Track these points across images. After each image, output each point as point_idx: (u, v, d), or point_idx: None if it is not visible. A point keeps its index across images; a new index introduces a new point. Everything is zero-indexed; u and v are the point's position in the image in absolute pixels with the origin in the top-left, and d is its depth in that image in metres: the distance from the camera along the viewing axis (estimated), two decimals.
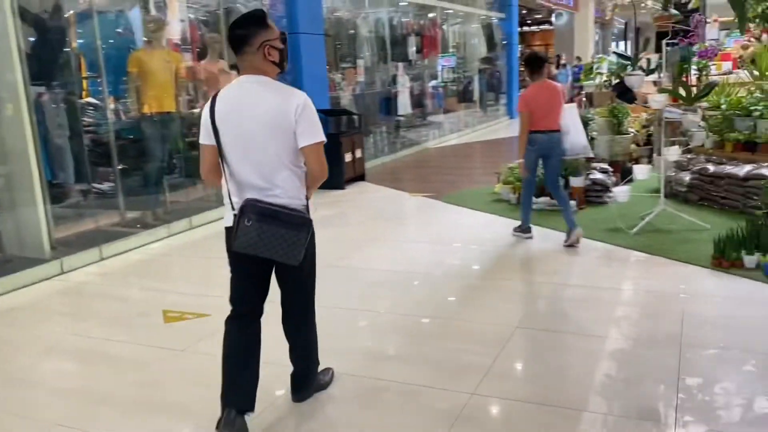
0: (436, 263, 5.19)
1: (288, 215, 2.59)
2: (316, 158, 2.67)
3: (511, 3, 17.71)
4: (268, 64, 2.65)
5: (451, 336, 3.77)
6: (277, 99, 2.60)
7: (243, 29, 2.61)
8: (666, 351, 3.35)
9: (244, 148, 2.61)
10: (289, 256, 2.59)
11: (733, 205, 6.09)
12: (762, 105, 6.34)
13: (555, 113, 5.29)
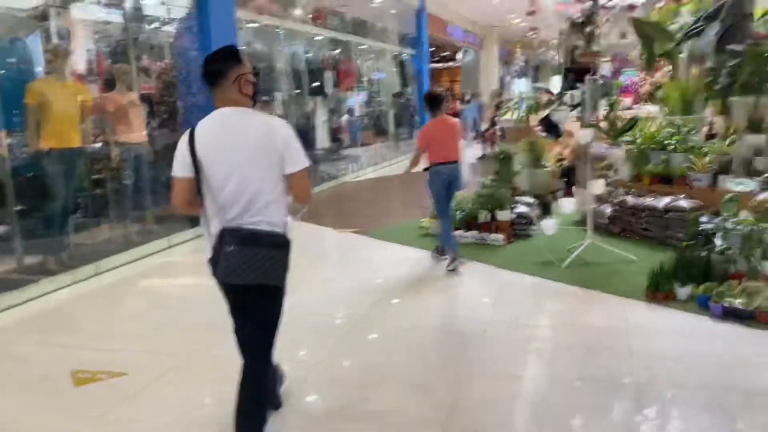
0: (371, 303, 4.95)
1: (268, 236, 2.67)
2: (301, 184, 2.78)
3: (422, 40, 18.05)
4: (243, 96, 2.73)
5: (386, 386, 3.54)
6: (262, 128, 2.70)
7: (219, 63, 2.71)
8: (624, 392, 3.25)
9: (229, 176, 2.65)
10: (272, 276, 2.67)
11: (655, 237, 6.25)
12: (675, 139, 6.60)
13: (454, 146, 5.70)
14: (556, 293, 5.01)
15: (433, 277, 5.63)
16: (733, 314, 4.15)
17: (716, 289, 4.39)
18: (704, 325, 4.12)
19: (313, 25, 11.76)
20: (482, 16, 24.11)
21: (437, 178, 5.64)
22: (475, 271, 5.74)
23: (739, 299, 4.22)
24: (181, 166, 2.72)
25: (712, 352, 3.73)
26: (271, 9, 9.99)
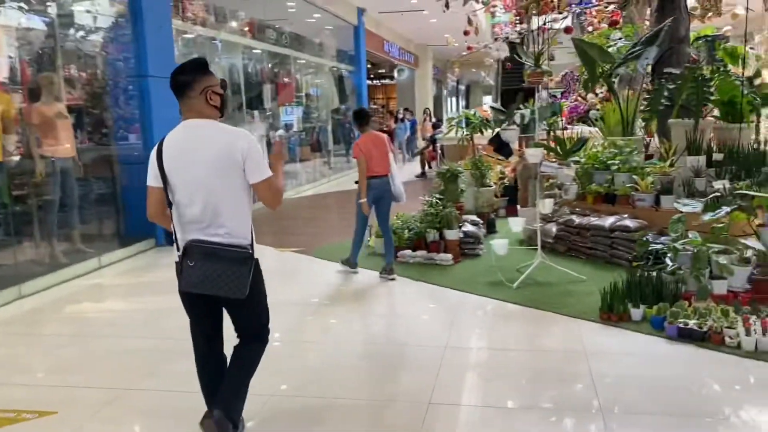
0: (318, 328, 4.73)
1: (229, 252, 2.71)
2: (267, 192, 2.81)
3: (360, 56, 18.02)
4: (210, 108, 2.78)
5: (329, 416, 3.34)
6: (224, 140, 2.73)
7: (187, 75, 2.75)
8: (592, 421, 3.16)
9: (193, 189, 2.70)
10: (234, 290, 2.71)
11: (600, 256, 6.30)
12: (618, 159, 6.70)
13: (384, 160, 5.90)
14: (510, 315, 4.93)
15: (382, 299, 5.47)
16: (688, 335, 4.16)
17: (669, 309, 4.40)
18: (661, 347, 4.11)
19: (251, 38, 11.47)
20: (417, 34, 24.37)
21: (368, 192, 5.87)
22: (425, 292, 5.61)
23: (692, 320, 4.24)
24: (151, 176, 2.79)
25: (674, 375, 3.70)
26: (206, 19, 9.66)
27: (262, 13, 12.08)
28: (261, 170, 2.76)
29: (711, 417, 3.20)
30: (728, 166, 6.19)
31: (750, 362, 3.81)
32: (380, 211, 6.07)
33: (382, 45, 21.01)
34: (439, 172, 7.11)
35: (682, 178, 6.30)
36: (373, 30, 19.57)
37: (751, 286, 4.74)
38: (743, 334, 3.99)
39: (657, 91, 6.42)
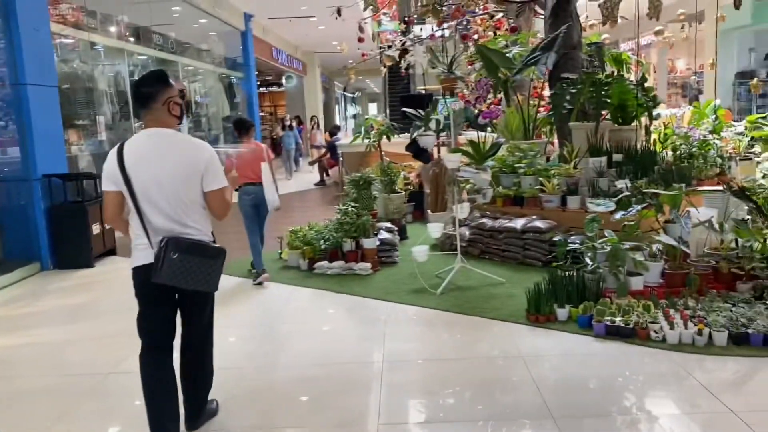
0: (246, 355, 4.43)
1: (206, 247, 2.98)
2: (218, 201, 3.05)
3: (249, 63, 17.53)
4: (171, 117, 2.99)
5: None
6: (187, 150, 2.99)
7: (150, 87, 2.96)
8: (546, 427, 3.12)
9: (156, 193, 2.90)
10: (209, 283, 2.99)
11: (514, 257, 6.40)
12: (524, 163, 6.86)
13: (257, 168, 6.01)
14: (440, 322, 4.86)
15: (305, 316, 5.22)
16: (616, 332, 4.26)
17: (594, 308, 4.50)
18: (594, 347, 4.18)
19: (136, 43, 10.78)
20: (305, 41, 24.15)
21: (246, 198, 6.08)
22: (349, 304, 5.43)
23: (618, 317, 4.35)
24: (110, 181, 2.93)
25: (614, 374, 3.76)
26: (86, 23, 8.95)
27: (148, 19, 11.40)
28: (218, 180, 3.02)
29: (665, 413, 3.26)
30: (626, 166, 6.51)
31: (676, 355, 3.95)
32: (260, 215, 6.23)
33: (270, 51, 20.59)
34: (351, 180, 6.95)
35: (586, 179, 6.55)
36: (260, 36, 19.13)
37: (663, 280, 4.97)
38: (667, 328, 4.14)
39: (559, 95, 6.63)
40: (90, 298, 6.14)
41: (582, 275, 4.87)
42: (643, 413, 3.29)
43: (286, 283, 6.17)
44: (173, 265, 2.84)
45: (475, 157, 6.20)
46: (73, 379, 4.10)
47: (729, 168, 7.78)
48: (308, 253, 6.59)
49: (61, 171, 7.56)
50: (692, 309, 4.39)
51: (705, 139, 7.65)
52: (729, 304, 4.45)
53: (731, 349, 3.97)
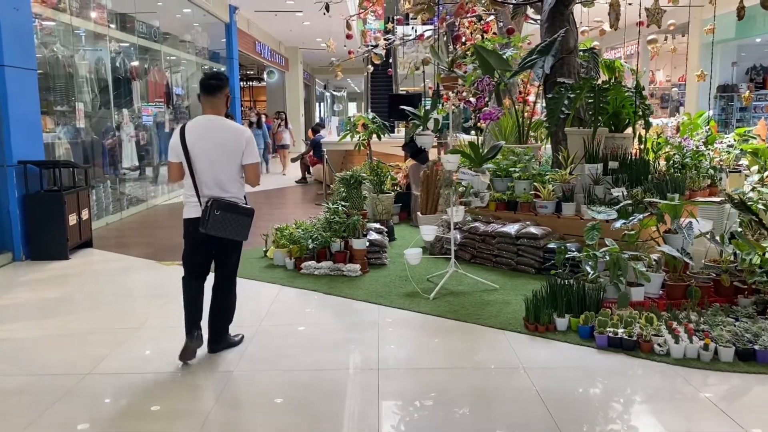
0: (234, 356, 4.21)
1: (240, 207, 3.95)
2: (252, 173, 4.04)
3: (232, 56, 17.22)
4: (224, 108, 3.96)
5: None
6: (232, 132, 3.96)
7: (219, 81, 3.97)
8: None
9: (210, 164, 3.89)
10: (241, 234, 3.95)
11: (506, 263, 6.26)
12: (519, 167, 6.73)
13: None
14: (435, 328, 4.69)
15: (296, 319, 5.01)
16: (619, 344, 4.14)
17: (596, 318, 4.37)
18: (596, 359, 4.04)
19: (118, 30, 10.44)
20: (288, 36, 23.87)
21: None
22: (340, 307, 5.23)
23: (620, 328, 4.23)
24: (174, 153, 3.96)
25: (618, 388, 3.63)
26: (67, 6, 8.61)
27: (132, 6, 11.06)
28: (253, 156, 4.01)
29: (677, 430, 3.13)
30: (621, 174, 6.41)
31: (682, 370, 3.84)
32: None
33: (254, 45, 20.29)
34: (342, 178, 6.75)
35: (582, 186, 6.44)
36: (244, 29, 18.82)
37: (662, 292, 4.86)
38: (672, 342, 4.03)
39: (557, 100, 6.52)
40: (65, 292, 5.85)
41: (582, 284, 4.74)
42: (656, 431, 3.16)
43: (272, 282, 5.96)
44: (216, 220, 3.80)
45: (474, 159, 6.04)
46: (47, 380, 3.85)
47: (720, 180, 7.75)
48: (295, 252, 6.38)
49: (38, 158, 7.24)
50: (695, 323, 4.29)
51: (698, 149, 7.61)
52: (732, 319, 4.36)
53: (738, 365, 3.86)
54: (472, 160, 6.07)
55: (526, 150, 7.05)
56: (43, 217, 6.99)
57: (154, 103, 12.06)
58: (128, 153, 10.58)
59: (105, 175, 9.78)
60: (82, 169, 7.86)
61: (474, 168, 5.89)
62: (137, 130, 10.96)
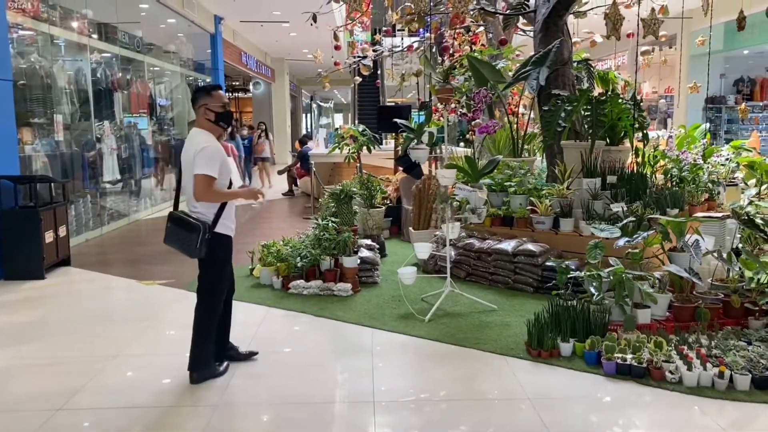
0: (220, 388, 3.92)
1: (185, 221, 3.78)
2: (198, 185, 3.73)
3: (217, 67, 16.96)
4: (205, 121, 3.89)
5: None
6: (190, 143, 3.84)
7: (195, 94, 3.95)
8: None
9: (183, 177, 3.91)
10: (189, 251, 3.80)
11: (503, 281, 6.03)
12: (514, 181, 6.52)
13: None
14: (432, 354, 4.43)
15: (285, 344, 4.73)
16: (628, 371, 3.90)
17: (603, 343, 4.14)
18: (605, 388, 3.80)
19: (99, 40, 10.15)
20: (274, 47, 23.66)
21: None
22: (332, 330, 4.95)
23: (628, 354, 4.00)
24: None
25: (631, 423, 3.39)
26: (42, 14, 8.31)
27: (114, 15, 10.78)
28: (201, 167, 3.70)
29: None
30: (620, 189, 6.22)
31: (696, 399, 3.61)
32: None
33: (239, 56, 20.04)
34: (332, 193, 6.49)
35: (580, 201, 6.24)
36: (230, 40, 18.57)
37: (669, 314, 4.65)
38: (684, 369, 3.80)
39: (554, 112, 6.32)
40: (39, 315, 5.53)
41: (585, 306, 4.51)
42: None
43: (259, 303, 5.67)
44: (168, 232, 3.85)
45: (471, 173, 5.82)
46: (14, 416, 3.54)
47: (718, 194, 7.59)
48: (283, 271, 6.11)
49: (13, 173, 6.92)
50: (707, 347, 4.07)
51: (695, 163, 7.45)
52: (744, 342, 4.15)
53: (755, 395, 3.64)
54: (469, 175, 5.85)
55: (521, 164, 6.84)
56: (18, 234, 6.66)
57: (138, 115, 11.75)
58: (110, 166, 10.25)
59: (85, 189, 9.45)
60: (60, 184, 7.54)
61: (471, 183, 5.66)
62: (119, 142, 10.65)
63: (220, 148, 3.85)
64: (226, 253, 4.02)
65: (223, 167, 3.83)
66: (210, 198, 3.77)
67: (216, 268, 3.95)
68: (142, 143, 11.79)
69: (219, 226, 3.86)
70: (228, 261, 4.05)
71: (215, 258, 3.91)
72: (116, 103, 10.55)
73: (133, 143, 11.37)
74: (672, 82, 19.78)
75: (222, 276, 4.00)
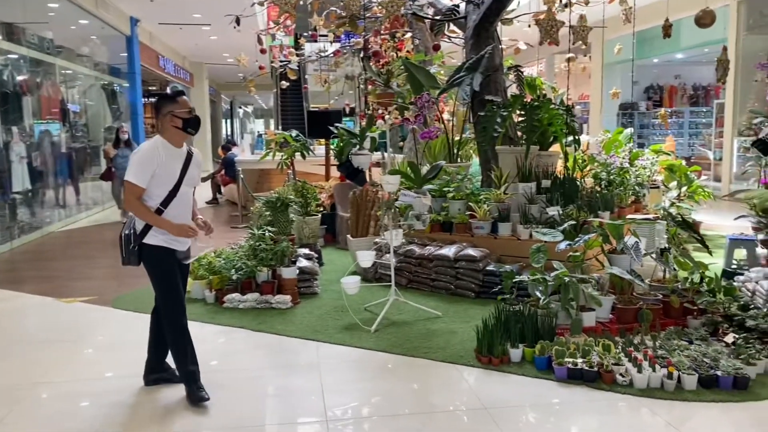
0: (152, 417, 3.64)
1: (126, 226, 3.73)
2: (126, 192, 3.62)
3: (134, 70, 16.23)
4: (171, 128, 3.63)
5: None
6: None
7: (156, 101, 3.75)
8: None
9: None
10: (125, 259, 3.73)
11: (445, 287, 5.98)
12: (452, 186, 6.49)
13: None
14: (381, 367, 4.29)
15: (215, 360, 4.47)
16: (580, 376, 3.90)
17: (552, 348, 4.13)
18: (560, 393, 3.77)
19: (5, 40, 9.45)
20: (193, 51, 22.95)
21: None
22: (273, 346, 4.73)
23: (579, 358, 4.00)
24: None
25: (591, 427, 3.38)
26: None
27: (20, 15, 10.07)
28: (127, 172, 3.56)
29: None
30: (554, 193, 6.31)
31: (648, 401, 3.64)
32: None
33: (157, 60, 19.29)
34: (267, 201, 6.25)
35: (517, 205, 6.28)
36: (147, 43, 17.83)
37: (613, 315, 4.71)
38: (634, 371, 3.84)
39: (490, 118, 6.34)
40: None
41: (532, 311, 4.50)
42: None
43: (191, 319, 5.27)
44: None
45: (414, 180, 5.73)
46: None
47: (643, 196, 7.87)
48: (216, 284, 5.83)
49: None
50: (652, 348, 4.13)
51: (623, 166, 7.68)
52: (685, 341, 4.24)
53: (702, 394, 3.70)
54: (412, 181, 5.76)
55: (459, 169, 6.83)
56: None
57: (49, 120, 11.03)
58: (19, 175, 9.55)
59: None
60: None
61: (414, 189, 5.58)
62: (30, 149, 9.94)
63: (159, 154, 3.57)
64: (162, 265, 3.67)
65: (160, 176, 3.56)
66: (132, 209, 3.60)
67: (155, 281, 3.71)
68: (54, 150, 11.07)
69: (149, 236, 3.61)
70: (167, 275, 3.69)
71: (151, 271, 3.69)
72: (25, 108, 9.85)
73: (45, 150, 10.66)
74: (586, 89, 20.58)
75: (167, 290, 3.70)
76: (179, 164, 3.67)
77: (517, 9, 9.53)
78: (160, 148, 3.60)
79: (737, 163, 12.65)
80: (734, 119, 12.66)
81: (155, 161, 3.55)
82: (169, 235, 3.65)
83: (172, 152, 3.64)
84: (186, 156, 3.72)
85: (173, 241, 3.68)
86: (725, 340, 4.21)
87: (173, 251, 3.71)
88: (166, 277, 3.70)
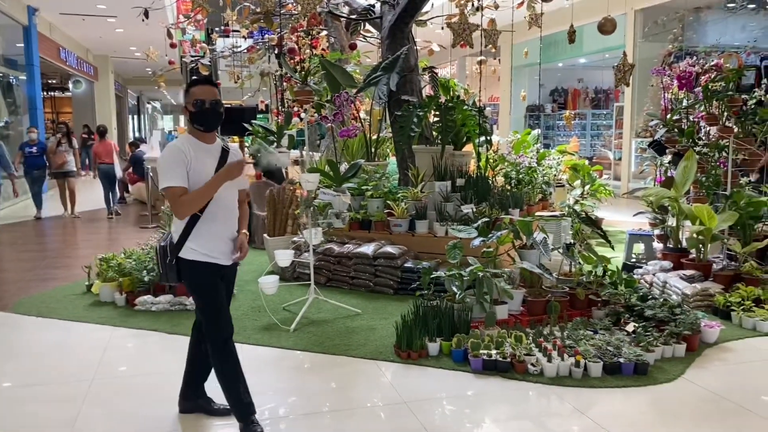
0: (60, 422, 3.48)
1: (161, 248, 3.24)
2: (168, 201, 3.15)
3: (32, 62, 15.33)
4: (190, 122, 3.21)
5: None
6: None
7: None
8: None
9: None
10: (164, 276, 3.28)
11: (364, 285, 6.03)
12: (371, 185, 6.56)
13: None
14: (302, 366, 4.29)
15: (130, 365, 4.32)
16: (494, 367, 4.05)
17: (468, 340, 4.26)
18: (476, 385, 3.90)
19: None
20: (97, 44, 21.94)
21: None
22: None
23: (493, 350, 4.15)
24: None
25: (509, 416, 3.52)
26: None
27: None
28: (160, 183, 3.11)
29: None
30: (468, 191, 6.51)
31: (558, 389, 3.83)
32: None
33: (57, 52, 18.29)
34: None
35: (433, 203, 6.42)
36: (46, 34, 16.88)
37: (524, 308, 4.92)
38: (544, 361, 4.03)
39: (406, 117, 6.45)
40: None
41: (448, 305, 4.63)
42: None
43: (101, 323, 5.15)
44: None
45: (333, 178, 5.74)
46: None
47: (550, 194, 8.23)
48: (126, 286, 5.63)
49: None
50: (561, 338, 4.35)
51: (531, 166, 8.01)
52: (590, 331, 4.49)
53: (607, 380, 3.94)
54: (332, 179, 5.77)
55: (377, 167, 6.91)
56: None
57: None
58: None
59: None
60: None
61: (334, 188, 5.59)
62: None
63: (185, 151, 3.06)
64: (202, 279, 3.20)
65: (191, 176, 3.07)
66: (184, 211, 3.07)
67: (196, 299, 3.31)
68: None
69: (185, 250, 3.13)
70: (209, 291, 3.22)
71: (191, 287, 3.29)
72: None
73: None
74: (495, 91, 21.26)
75: (212, 307, 3.23)
76: (212, 162, 3.15)
77: (431, 11, 9.75)
78: (186, 144, 3.11)
79: (635, 163, 13.45)
80: (632, 121, 13.45)
81: (183, 159, 3.04)
82: (209, 249, 3.16)
83: (202, 148, 3.13)
84: (221, 152, 3.21)
85: (214, 255, 3.19)
86: (626, 329, 4.48)
87: (214, 265, 3.21)
88: (207, 294, 3.23)
